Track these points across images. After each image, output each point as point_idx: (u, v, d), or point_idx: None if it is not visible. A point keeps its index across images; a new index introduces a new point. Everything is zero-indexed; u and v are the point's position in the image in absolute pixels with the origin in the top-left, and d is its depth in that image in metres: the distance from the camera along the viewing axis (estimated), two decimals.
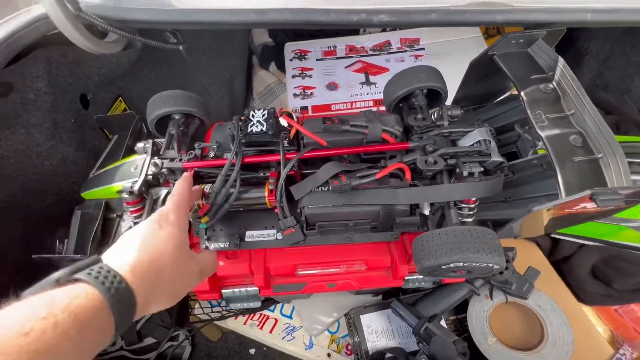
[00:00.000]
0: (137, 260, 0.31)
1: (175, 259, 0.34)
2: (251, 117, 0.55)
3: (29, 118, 0.61)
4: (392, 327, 0.70)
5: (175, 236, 0.35)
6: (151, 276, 0.31)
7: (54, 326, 0.23)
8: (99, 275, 0.27)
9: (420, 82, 0.55)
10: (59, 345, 0.23)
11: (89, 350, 0.26)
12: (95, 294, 0.26)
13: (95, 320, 0.26)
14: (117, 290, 0.27)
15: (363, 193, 0.47)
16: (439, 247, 0.41)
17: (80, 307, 0.25)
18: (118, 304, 0.27)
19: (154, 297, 0.31)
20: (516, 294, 0.60)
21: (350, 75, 1.03)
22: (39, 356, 0.22)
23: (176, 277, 0.34)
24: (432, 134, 0.50)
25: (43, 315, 0.23)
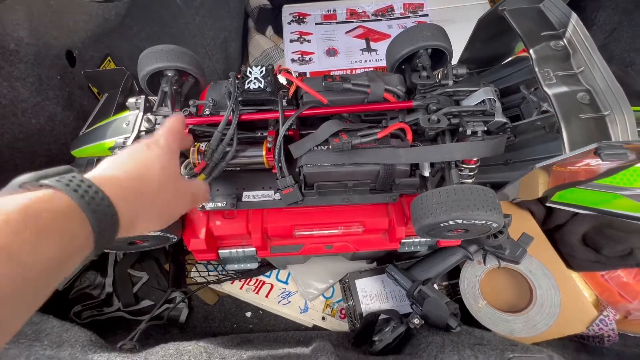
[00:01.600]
0: (118, 175, 0.28)
1: (163, 178, 0.31)
2: (248, 74, 0.53)
3: (11, 70, 0.57)
4: (386, 291, 0.72)
5: (164, 157, 0.33)
6: (133, 191, 0.28)
7: (4, 223, 0.20)
8: (71, 183, 0.24)
9: (425, 40, 0.53)
10: (11, 244, 0.20)
11: (55, 259, 0.22)
12: (63, 198, 0.23)
13: (61, 225, 0.22)
14: (92, 199, 0.24)
15: (363, 152, 0.46)
16: (438, 205, 0.41)
17: (42, 208, 0.22)
18: (95, 213, 0.24)
19: (140, 215, 0.29)
20: (509, 258, 0.61)
21: (350, 41, 0.99)
22: None
23: (164, 196, 0.32)
24: (436, 93, 0.48)
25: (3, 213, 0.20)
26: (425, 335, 0.57)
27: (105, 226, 0.25)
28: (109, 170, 0.29)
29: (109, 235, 0.26)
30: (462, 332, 0.56)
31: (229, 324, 0.81)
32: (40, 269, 0.21)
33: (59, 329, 0.45)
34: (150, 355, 0.45)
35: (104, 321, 0.73)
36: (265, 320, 0.82)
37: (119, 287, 0.78)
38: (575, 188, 0.62)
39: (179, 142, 0.38)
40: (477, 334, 0.55)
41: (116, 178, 0.28)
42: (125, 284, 0.78)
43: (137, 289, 0.79)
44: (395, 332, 0.59)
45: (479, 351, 0.47)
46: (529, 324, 0.62)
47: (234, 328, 0.81)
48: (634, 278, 0.65)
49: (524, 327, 0.62)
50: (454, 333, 0.56)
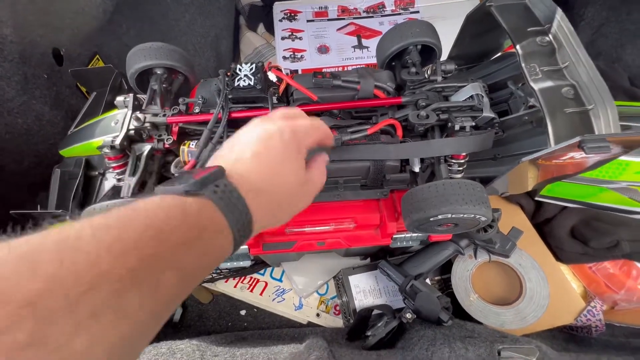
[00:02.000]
0: (258, 182, 0.27)
1: (295, 184, 0.30)
2: (238, 71, 0.53)
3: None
4: (379, 287, 0.73)
5: (297, 159, 0.30)
6: (271, 205, 0.28)
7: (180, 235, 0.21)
8: (224, 196, 0.24)
9: (414, 37, 0.53)
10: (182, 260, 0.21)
11: (203, 270, 0.23)
12: (219, 216, 0.24)
13: (216, 242, 0.23)
14: (242, 224, 0.25)
15: (354, 148, 0.47)
16: (427, 200, 0.41)
17: (205, 225, 0.23)
18: (237, 227, 0.25)
19: (267, 220, 0.29)
20: (499, 252, 0.62)
21: (342, 38, 0.99)
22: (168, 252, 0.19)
23: (294, 202, 0.31)
24: (425, 89, 0.49)
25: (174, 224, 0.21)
26: (418, 330, 0.57)
27: (241, 239, 0.26)
28: (253, 182, 0.27)
29: (242, 242, 0.26)
30: (454, 326, 0.56)
31: (223, 322, 0.81)
32: (197, 281, 0.23)
33: None
34: (142, 355, 0.45)
35: None
36: (260, 318, 0.82)
37: None
38: (563, 182, 0.64)
39: (315, 139, 0.33)
40: (468, 327, 0.56)
41: (259, 194, 0.27)
42: None
43: None
44: (388, 326, 0.59)
45: (469, 343, 0.48)
46: (519, 316, 0.63)
47: (229, 326, 0.81)
48: (620, 269, 0.66)
49: (514, 319, 0.63)
50: (445, 327, 0.57)
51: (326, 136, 0.35)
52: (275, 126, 0.30)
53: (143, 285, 0.18)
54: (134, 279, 0.17)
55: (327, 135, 0.35)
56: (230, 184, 0.26)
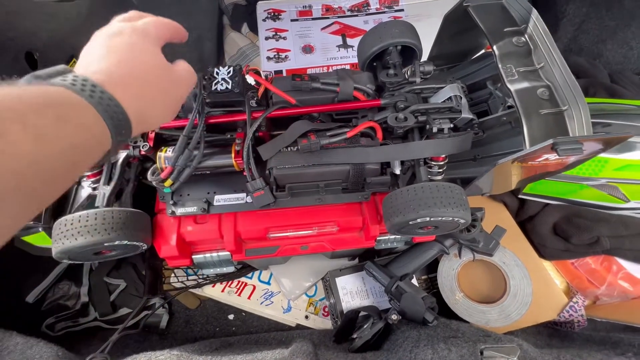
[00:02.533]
0: (111, 70, 0.26)
1: (154, 67, 0.30)
2: (215, 75, 0.52)
3: None
4: (366, 288, 0.73)
5: (155, 51, 0.30)
6: (132, 86, 0.27)
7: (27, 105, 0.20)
8: (76, 82, 0.24)
9: (394, 37, 0.53)
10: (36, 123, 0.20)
11: (73, 144, 0.22)
12: (75, 95, 0.23)
13: (77, 114, 0.22)
14: (100, 98, 0.24)
15: (333, 152, 0.46)
16: (406, 204, 0.41)
17: (60, 97, 0.22)
18: (106, 112, 0.24)
19: (146, 107, 0.28)
20: (483, 251, 0.62)
21: (326, 37, 0.98)
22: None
23: (161, 84, 0.30)
24: (404, 90, 0.48)
25: (14, 96, 0.19)
26: (403, 331, 0.58)
27: (119, 123, 0.25)
28: (100, 66, 0.27)
29: (125, 132, 0.26)
30: (439, 325, 0.57)
31: (211, 327, 0.80)
32: (59, 150, 0.21)
33: (22, 345, 0.44)
34: None
35: (79, 332, 0.71)
36: (248, 322, 0.82)
37: (95, 296, 0.76)
38: (545, 180, 0.64)
39: (160, 32, 0.33)
40: (453, 327, 0.57)
41: (110, 75, 0.26)
42: (102, 292, 0.76)
43: (114, 297, 0.77)
44: (374, 328, 0.59)
45: (452, 344, 0.48)
46: (503, 314, 0.63)
47: (217, 331, 0.80)
48: (601, 264, 0.67)
49: (499, 317, 0.63)
50: (430, 327, 0.57)
51: (175, 29, 0.36)
52: (115, 27, 0.30)
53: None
54: None
55: (176, 28, 0.36)
56: (78, 75, 0.25)
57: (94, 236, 0.42)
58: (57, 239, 0.42)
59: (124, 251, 0.48)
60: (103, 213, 0.43)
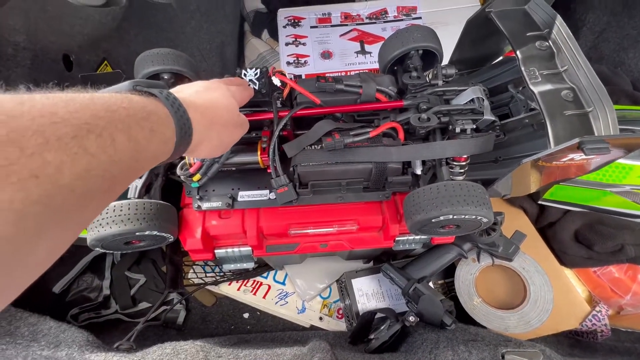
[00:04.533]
0: (196, 102, 0.32)
1: (228, 112, 0.37)
2: (243, 76, 0.54)
3: (8, 74, 0.58)
4: (382, 290, 0.73)
5: (228, 95, 0.38)
6: (206, 118, 0.33)
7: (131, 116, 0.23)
8: (169, 97, 0.28)
9: (416, 42, 0.54)
10: (130, 126, 0.22)
11: (149, 154, 0.25)
12: (163, 109, 0.27)
13: (162, 128, 0.26)
14: (181, 116, 0.29)
15: (356, 151, 0.47)
16: (429, 201, 0.42)
17: (153, 112, 0.25)
18: (181, 129, 0.28)
19: (205, 140, 0.33)
20: (502, 255, 0.62)
21: (345, 43, 1.00)
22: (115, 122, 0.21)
23: (227, 127, 0.37)
24: (426, 92, 0.49)
25: (124, 105, 0.23)
26: (421, 333, 0.57)
27: (183, 141, 0.30)
28: (189, 96, 0.33)
29: (182, 149, 0.30)
30: (457, 329, 0.56)
31: (226, 325, 0.81)
32: (144, 159, 0.24)
33: (55, 329, 0.46)
34: (147, 355, 0.46)
35: (101, 323, 0.73)
36: (263, 321, 0.82)
37: (117, 290, 0.78)
38: (566, 186, 0.64)
39: (243, 95, 0.44)
40: (471, 331, 0.56)
41: (194, 104, 0.32)
42: (123, 286, 0.78)
43: (134, 291, 0.79)
44: (391, 330, 0.59)
45: (472, 347, 0.48)
46: (522, 320, 0.62)
47: (232, 329, 0.81)
48: (625, 273, 0.66)
49: (518, 323, 0.62)
50: (448, 330, 0.56)
51: (248, 92, 0.46)
52: (212, 82, 0.39)
53: (100, 136, 0.20)
54: (90, 129, 0.19)
55: (248, 91, 0.47)
56: (172, 93, 0.30)
57: (127, 225, 0.44)
58: (92, 227, 0.44)
59: (152, 242, 0.50)
60: (136, 204, 0.45)
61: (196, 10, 0.92)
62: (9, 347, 0.42)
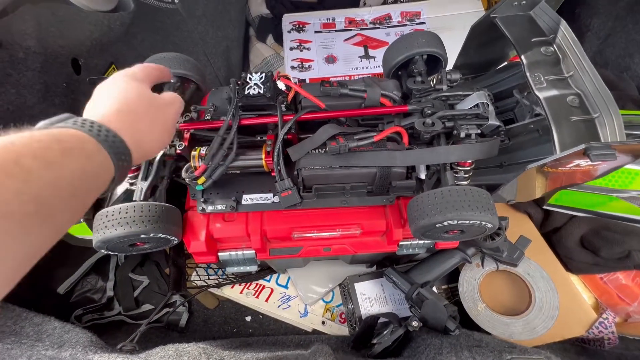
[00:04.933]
0: (107, 110, 0.32)
1: (142, 101, 0.35)
2: (248, 80, 0.55)
3: (19, 78, 0.59)
4: (385, 295, 0.72)
5: (134, 84, 0.36)
6: (125, 119, 0.32)
7: (37, 141, 0.23)
8: (76, 122, 0.28)
9: (420, 47, 0.55)
10: (45, 155, 0.23)
11: (81, 173, 0.26)
12: (78, 133, 0.27)
13: (81, 146, 0.26)
14: (99, 131, 0.28)
15: (360, 155, 0.47)
16: (434, 206, 0.42)
17: (64, 134, 0.26)
18: (106, 142, 0.28)
19: (142, 136, 0.33)
20: (507, 261, 0.61)
21: (349, 48, 1.01)
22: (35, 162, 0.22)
23: (151, 114, 0.35)
24: (431, 97, 0.49)
25: (25, 137, 0.23)
26: (424, 338, 0.57)
27: (118, 151, 0.29)
28: (99, 109, 0.32)
29: (124, 157, 0.30)
30: (461, 335, 0.56)
31: (228, 328, 0.81)
32: (70, 174, 0.25)
33: (60, 330, 0.46)
34: (149, 356, 0.46)
35: (105, 324, 0.73)
36: (265, 325, 0.82)
37: (120, 291, 0.78)
38: (572, 191, 0.63)
39: (147, 74, 0.40)
40: (476, 337, 0.55)
41: (107, 113, 0.31)
42: (126, 288, 0.79)
43: (137, 293, 0.79)
44: (394, 334, 0.59)
45: (477, 353, 0.47)
46: (528, 327, 0.62)
47: (234, 332, 0.81)
48: (632, 280, 0.65)
49: (523, 330, 0.62)
50: (452, 336, 0.56)
51: (159, 70, 0.42)
52: (110, 77, 0.37)
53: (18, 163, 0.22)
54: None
55: (160, 70, 0.43)
56: (79, 118, 0.29)
57: (132, 227, 0.44)
58: (98, 229, 0.44)
59: (156, 244, 0.51)
60: (141, 206, 0.46)
61: (202, 15, 0.93)
62: (14, 347, 0.43)
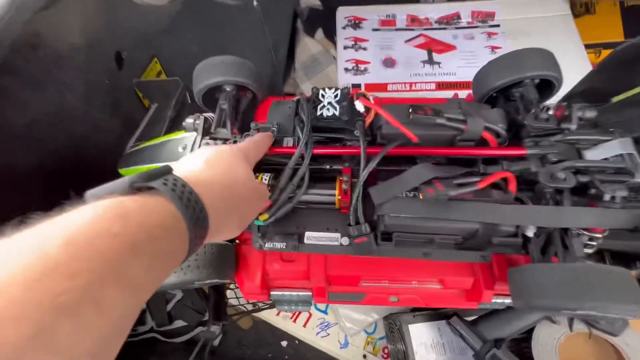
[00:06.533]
0: (211, 179, 0.28)
1: (247, 187, 0.32)
2: (321, 98, 0.46)
3: (61, 76, 0.53)
4: (443, 341, 0.64)
5: (247, 166, 0.34)
6: (223, 199, 0.28)
7: (131, 247, 0.19)
8: (175, 188, 0.23)
9: (534, 69, 0.44)
10: (132, 268, 0.19)
11: (158, 277, 0.21)
12: (171, 210, 0.22)
13: (170, 243, 0.22)
14: (194, 210, 0.23)
15: (460, 206, 0.39)
16: (564, 288, 0.33)
17: (156, 226, 0.21)
18: (194, 225, 0.23)
19: (225, 223, 0.29)
20: (604, 329, 0.52)
21: (410, 51, 0.90)
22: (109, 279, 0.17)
23: (248, 204, 0.33)
24: (555, 139, 0.40)
25: (115, 231, 0.18)
26: None
27: (199, 239, 0.24)
28: (202, 172, 0.28)
29: (197, 246, 0.25)
30: None
31: (263, 352, 0.76)
32: (147, 293, 0.21)
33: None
34: None
35: (137, 344, 0.69)
36: (302, 352, 0.77)
37: (152, 304, 0.74)
38: None
39: (257, 153, 0.40)
40: None
41: (209, 182, 0.27)
42: (159, 301, 0.74)
43: (170, 307, 0.75)
44: None
45: None
46: None
47: (269, 357, 0.76)
48: None
49: None
50: None
51: (265, 148, 0.42)
52: (223, 145, 0.35)
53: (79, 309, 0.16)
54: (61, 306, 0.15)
55: (266, 147, 0.43)
56: (180, 178, 0.24)
57: (187, 274, 0.38)
58: None
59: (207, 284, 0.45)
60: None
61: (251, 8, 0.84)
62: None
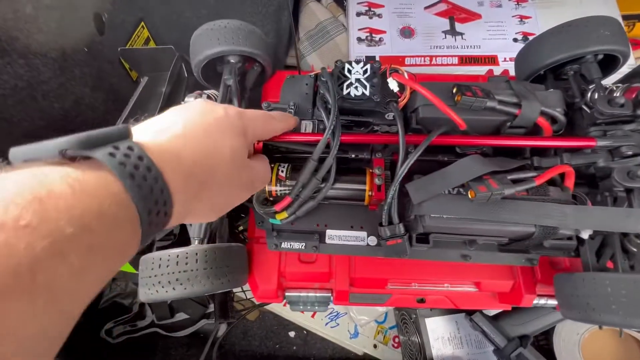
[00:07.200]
0: (185, 151, 0.21)
1: (231, 169, 0.25)
2: (347, 73, 0.39)
3: (28, 43, 0.43)
4: (460, 335, 0.62)
5: (238, 142, 0.25)
6: (196, 182, 0.22)
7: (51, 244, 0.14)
8: (127, 161, 0.17)
9: (601, 42, 0.38)
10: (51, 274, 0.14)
11: (93, 282, 0.17)
12: (117, 190, 0.17)
13: (112, 236, 0.17)
14: (151, 191, 0.18)
15: (514, 205, 0.33)
16: (630, 302, 0.29)
17: (93, 213, 0.16)
18: (149, 212, 0.18)
19: (195, 209, 0.23)
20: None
21: (430, 19, 0.80)
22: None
23: (227, 190, 0.25)
24: (628, 128, 0.34)
25: (25, 222, 0.14)
26: None
27: (155, 223, 0.19)
28: (172, 139, 0.21)
29: (152, 234, 0.20)
30: None
31: (270, 343, 0.73)
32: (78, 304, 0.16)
33: None
34: None
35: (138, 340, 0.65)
36: (311, 343, 0.74)
37: None
38: None
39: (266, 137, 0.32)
40: None
41: (177, 153, 0.21)
42: None
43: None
44: None
45: None
46: None
47: (276, 348, 0.73)
48: None
49: None
50: None
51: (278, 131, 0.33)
52: (221, 106, 0.26)
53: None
54: None
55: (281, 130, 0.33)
56: (138, 146, 0.18)
57: (195, 286, 0.32)
58: (148, 284, 0.32)
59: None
60: (205, 254, 0.33)
61: None
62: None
